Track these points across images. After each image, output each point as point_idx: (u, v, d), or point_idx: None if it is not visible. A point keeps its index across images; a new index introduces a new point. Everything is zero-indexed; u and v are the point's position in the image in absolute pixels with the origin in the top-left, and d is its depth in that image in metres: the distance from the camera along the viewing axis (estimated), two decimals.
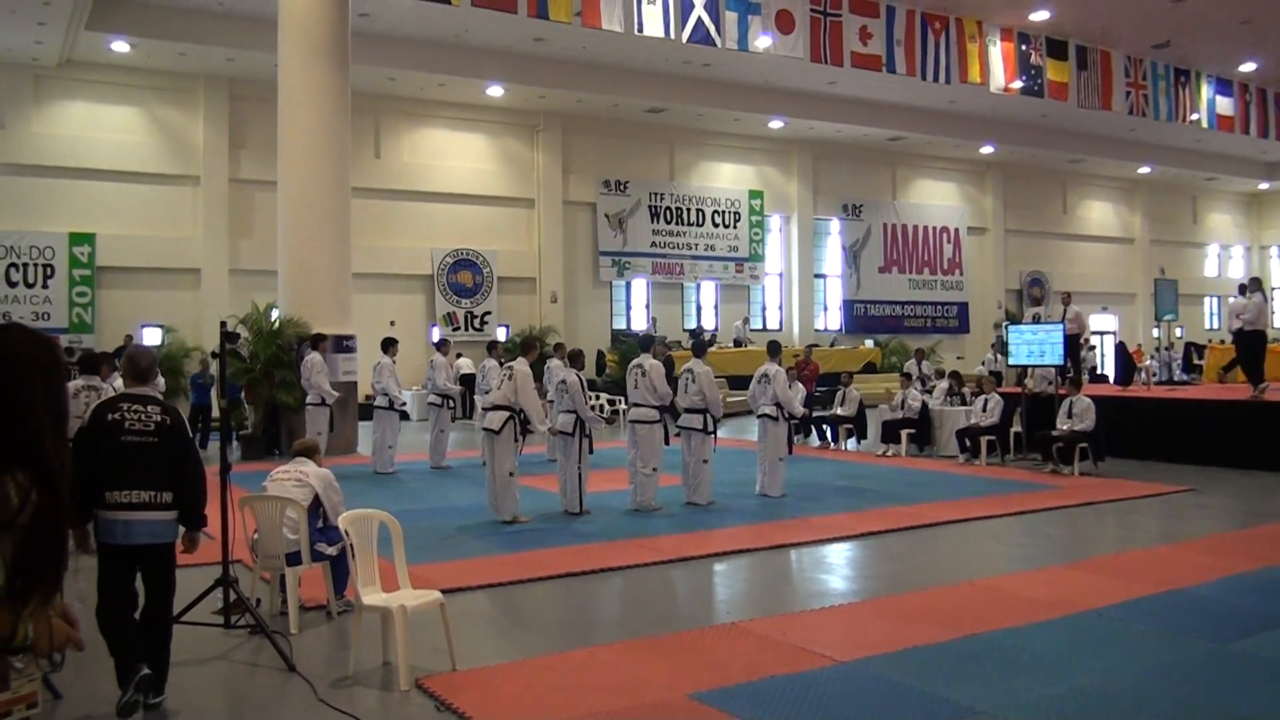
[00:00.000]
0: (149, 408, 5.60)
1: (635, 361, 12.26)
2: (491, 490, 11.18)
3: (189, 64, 23.91)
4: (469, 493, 13.25)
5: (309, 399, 15.64)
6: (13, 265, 23.01)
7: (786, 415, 13.18)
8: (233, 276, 24.62)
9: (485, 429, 11.48)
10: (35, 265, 23.19)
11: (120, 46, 22.43)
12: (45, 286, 23.24)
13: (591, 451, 11.66)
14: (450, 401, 16.86)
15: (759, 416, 13.19)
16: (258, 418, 18.07)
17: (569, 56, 25.57)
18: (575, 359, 12.49)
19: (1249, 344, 16.98)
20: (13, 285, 22.98)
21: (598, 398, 24.29)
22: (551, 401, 13.34)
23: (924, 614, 7.28)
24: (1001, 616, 7.17)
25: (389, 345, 16.14)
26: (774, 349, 13.81)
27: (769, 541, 9.99)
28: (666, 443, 12.03)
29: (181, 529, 5.76)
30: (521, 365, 11.44)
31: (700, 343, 14.05)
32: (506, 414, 11.08)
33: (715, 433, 12.31)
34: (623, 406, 23.16)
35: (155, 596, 5.67)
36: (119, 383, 7.56)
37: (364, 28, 21.41)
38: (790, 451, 13.40)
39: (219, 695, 6.04)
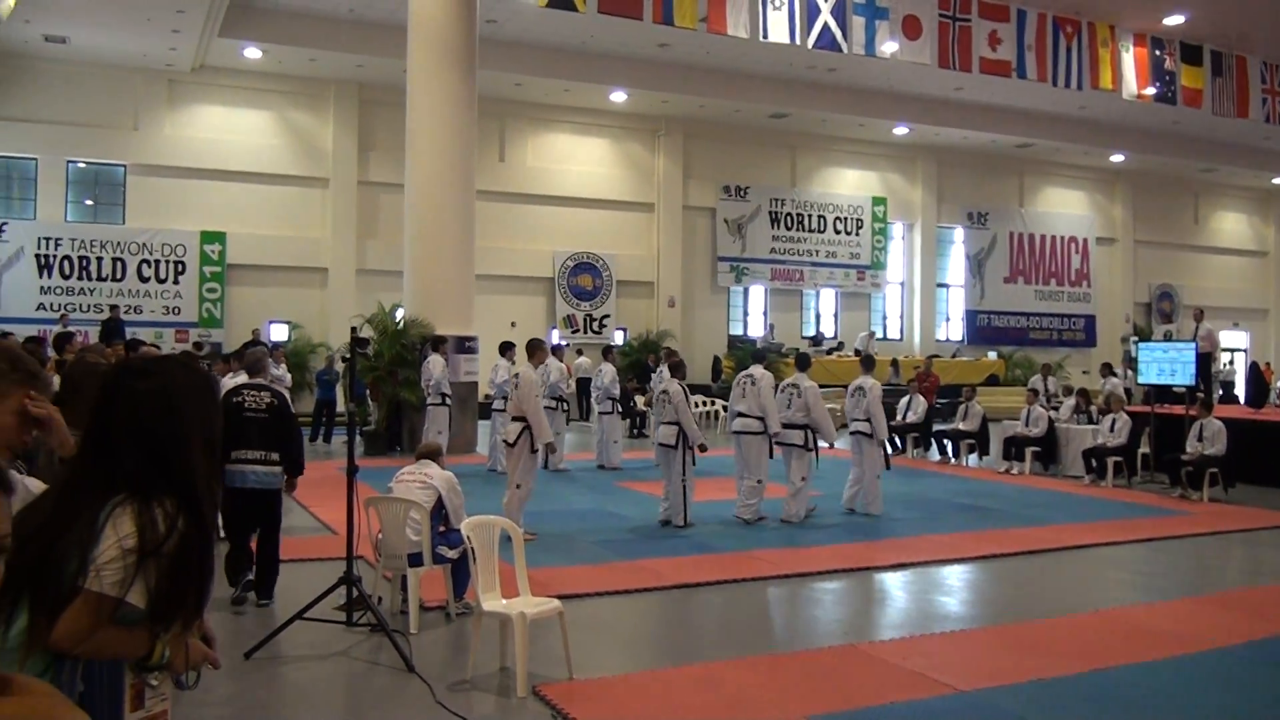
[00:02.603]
0: (261, 393, 7.78)
1: (746, 371, 11.99)
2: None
3: (319, 69, 24.52)
4: (585, 497, 13.31)
5: (429, 399, 15.94)
6: (145, 262, 23.83)
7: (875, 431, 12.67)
8: (359, 276, 25.17)
9: (503, 440, 11.10)
10: (167, 262, 24.00)
11: (252, 53, 23.13)
12: (176, 283, 24.04)
13: (695, 463, 11.31)
14: (564, 404, 16.96)
15: (852, 433, 12.84)
16: (381, 415, 18.40)
17: (692, 62, 25.56)
18: (677, 369, 12.20)
19: None
20: (144, 281, 23.80)
21: (711, 403, 24.24)
22: (644, 411, 13.03)
23: (1047, 644, 7.07)
24: (1126, 650, 6.92)
25: (506, 349, 16.28)
26: (868, 363, 13.60)
27: (885, 560, 9.81)
28: (771, 455, 11.73)
29: (284, 477, 7.75)
30: (528, 372, 10.94)
31: (804, 356, 13.49)
32: (522, 425, 10.76)
33: (816, 449, 11.90)
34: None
35: (266, 527, 7.79)
36: (242, 376, 9.04)
37: (491, 34, 21.68)
38: (888, 467, 12.86)
39: (339, 691, 6.16)
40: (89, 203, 24.16)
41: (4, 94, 22.53)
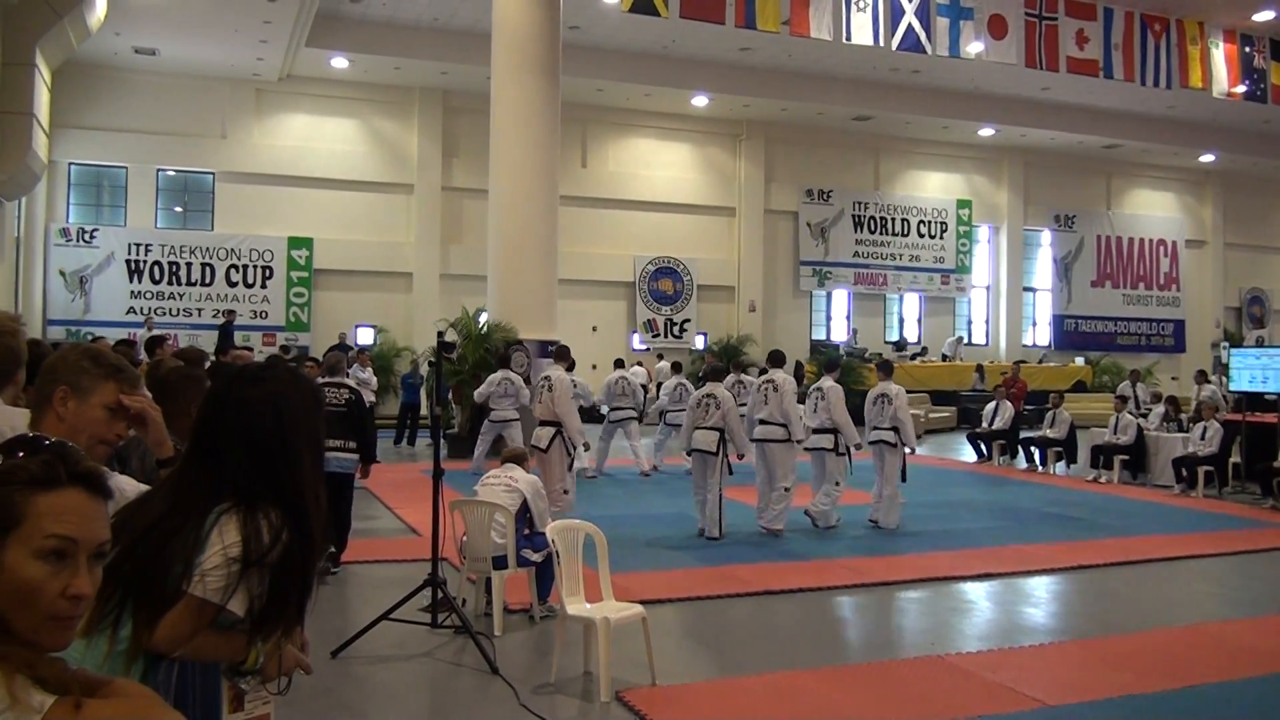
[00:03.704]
0: (340, 390, 9.01)
1: (766, 376, 11.49)
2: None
3: (404, 77, 24.85)
4: (668, 501, 13.30)
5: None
6: (233, 266, 24.35)
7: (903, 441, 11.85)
8: (443, 281, 25.44)
9: (533, 446, 11.06)
10: (255, 267, 24.49)
11: (339, 62, 23.53)
12: (264, 287, 24.52)
13: (731, 472, 11.04)
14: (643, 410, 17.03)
15: (873, 442, 11.94)
16: (464, 418, 18.57)
17: (774, 65, 25.47)
18: (717, 373, 11.86)
19: None
20: (233, 285, 24.31)
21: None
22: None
23: (1136, 659, 6.90)
24: (1218, 667, 6.74)
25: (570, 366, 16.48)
26: (886, 368, 12.60)
27: (970, 570, 9.63)
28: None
29: (360, 464, 8.98)
30: (561, 374, 10.86)
31: (832, 360, 13.14)
32: (554, 430, 10.58)
33: (849, 454, 11.57)
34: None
35: (342, 506, 8.81)
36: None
37: (574, 40, 21.79)
38: (904, 479, 11.88)
39: (424, 692, 6.22)
40: (178, 209, 24.74)
41: (95, 105, 23.14)
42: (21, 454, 1.63)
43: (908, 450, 11.89)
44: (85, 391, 2.71)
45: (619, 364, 18.66)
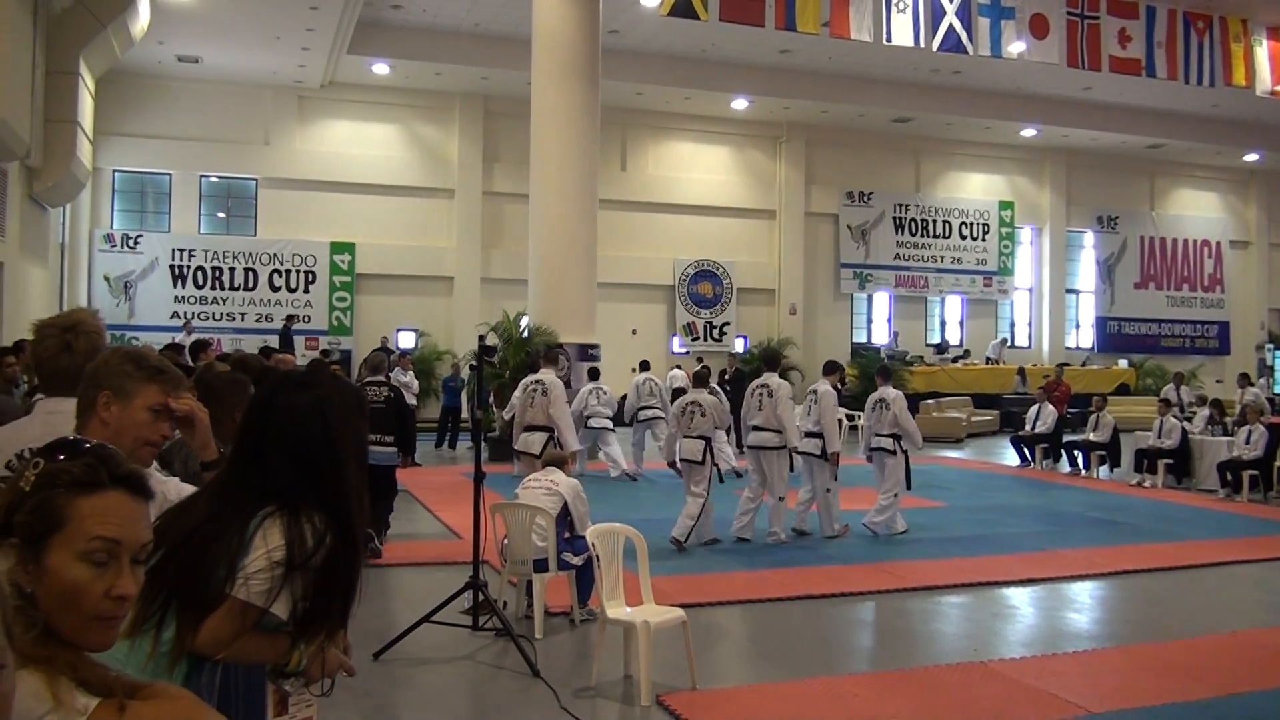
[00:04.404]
0: (380, 388, 9.88)
1: (760, 380, 10.98)
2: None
3: (445, 83, 24.97)
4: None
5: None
6: (276, 271, 24.56)
7: (903, 447, 11.44)
8: (484, 284, 25.54)
9: (523, 452, 10.91)
10: (298, 272, 24.69)
11: (380, 68, 23.69)
12: (307, 291, 24.71)
13: (722, 480, 10.72)
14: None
15: (874, 449, 11.63)
16: (504, 421, 18.64)
17: (814, 67, 25.39)
18: (701, 380, 11.64)
19: None
20: (275, 290, 24.52)
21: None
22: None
23: (1181, 666, 6.82)
24: (1265, 675, 6.64)
25: (594, 374, 16.95)
26: (884, 372, 12.19)
27: (1013, 575, 9.51)
28: (792, 468, 10.95)
29: (399, 456, 9.96)
30: (554, 378, 10.70)
31: (885, 368, 12.64)
32: (546, 435, 10.38)
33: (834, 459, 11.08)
34: (861, 423, 22.84)
35: (383, 495, 9.71)
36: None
37: (613, 44, 21.83)
38: (909, 486, 11.52)
39: (465, 695, 6.25)
40: (221, 215, 24.98)
41: (139, 112, 23.43)
42: (62, 457, 1.65)
43: (912, 449, 11.51)
44: (128, 395, 2.73)
45: (645, 366, 18.66)
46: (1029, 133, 30.04)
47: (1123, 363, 31.53)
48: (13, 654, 1.23)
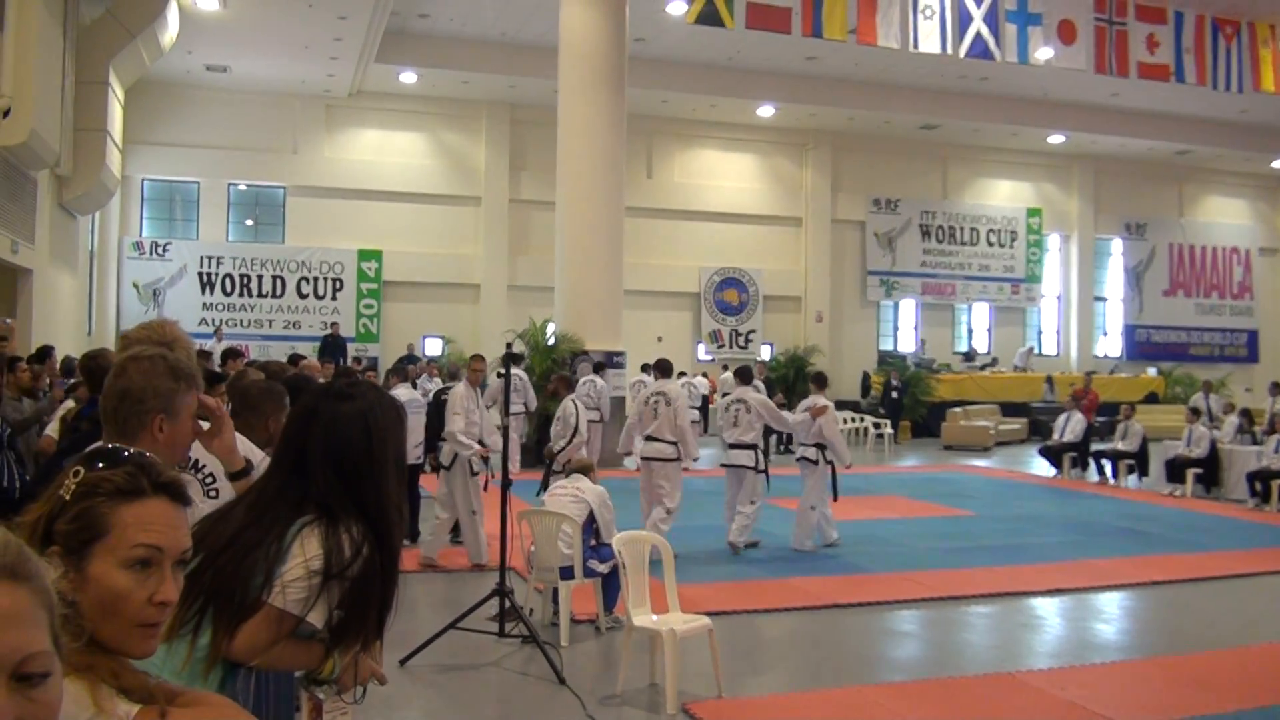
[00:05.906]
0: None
1: (736, 395, 10.81)
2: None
3: (472, 91, 25.07)
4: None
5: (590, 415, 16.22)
6: (304, 279, 24.69)
7: (828, 459, 10.86)
8: (510, 292, 25.60)
9: (650, 459, 10.65)
10: (325, 279, 24.82)
11: (408, 77, 23.78)
12: (334, 299, 24.82)
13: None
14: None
15: (799, 458, 11.17)
16: (531, 428, 18.66)
17: (841, 74, 25.34)
18: (664, 371, 11.31)
19: None
20: (303, 297, 24.66)
21: (861, 420, 23.90)
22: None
23: (1209, 678, 6.77)
24: None
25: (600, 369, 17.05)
26: (820, 381, 11.72)
27: (1040, 585, 9.46)
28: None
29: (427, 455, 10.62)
30: (676, 389, 10.45)
31: (820, 375, 12.31)
32: (669, 445, 9.95)
33: (766, 471, 10.79)
34: (888, 431, 22.80)
35: (414, 490, 10.29)
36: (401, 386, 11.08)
37: (639, 52, 21.86)
38: (834, 497, 11.00)
39: (491, 701, 6.26)
40: (249, 223, 25.14)
41: (168, 121, 23.60)
42: (102, 465, 1.66)
43: (842, 467, 11.02)
44: (177, 412, 2.72)
45: (645, 369, 18.63)
46: (1056, 139, 29.88)
47: (1151, 371, 31.28)
48: (61, 663, 1.24)
